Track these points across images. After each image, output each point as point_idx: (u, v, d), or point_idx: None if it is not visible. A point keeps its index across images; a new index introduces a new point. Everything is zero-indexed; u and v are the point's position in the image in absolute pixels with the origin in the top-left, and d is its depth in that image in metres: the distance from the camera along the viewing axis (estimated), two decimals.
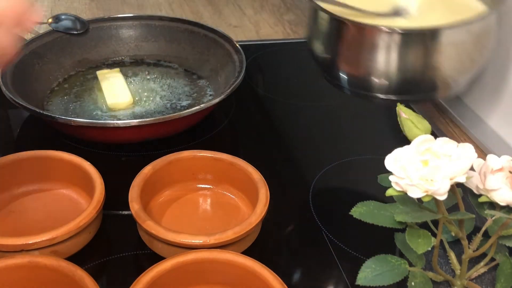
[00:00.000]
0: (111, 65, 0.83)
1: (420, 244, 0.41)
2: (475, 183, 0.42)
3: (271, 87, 0.86)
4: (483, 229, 0.44)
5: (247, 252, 0.54)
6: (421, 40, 0.62)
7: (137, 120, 0.63)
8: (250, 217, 0.54)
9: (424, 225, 0.45)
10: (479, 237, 0.44)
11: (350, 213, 0.44)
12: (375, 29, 0.62)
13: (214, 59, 0.81)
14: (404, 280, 0.43)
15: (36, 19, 0.49)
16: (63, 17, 0.82)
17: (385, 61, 0.63)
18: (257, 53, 0.93)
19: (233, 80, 0.71)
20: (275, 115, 0.79)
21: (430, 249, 0.41)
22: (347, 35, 0.65)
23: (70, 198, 0.60)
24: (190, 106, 0.75)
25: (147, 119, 0.64)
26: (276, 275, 0.48)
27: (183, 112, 0.65)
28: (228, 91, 0.69)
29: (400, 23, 0.67)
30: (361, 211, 0.44)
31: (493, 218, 0.43)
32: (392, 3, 0.71)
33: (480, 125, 0.77)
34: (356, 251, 0.58)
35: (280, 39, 0.99)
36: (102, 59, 0.84)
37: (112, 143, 0.69)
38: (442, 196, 0.39)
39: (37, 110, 0.65)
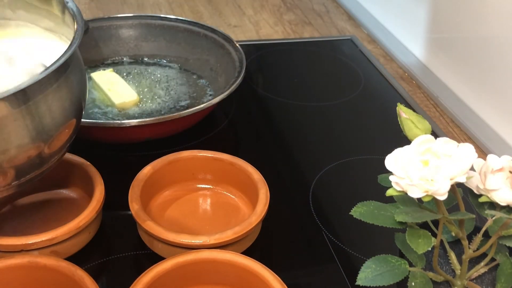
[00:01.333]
0: (110, 64, 0.83)
1: (420, 244, 0.41)
2: (475, 183, 0.42)
3: (271, 87, 0.86)
4: (483, 229, 0.44)
5: (247, 252, 0.54)
6: None
7: (137, 120, 0.63)
8: (250, 217, 0.54)
9: (424, 225, 0.45)
10: (479, 237, 0.44)
11: (350, 213, 0.44)
12: None
13: (214, 59, 0.81)
14: (404, 280, 0.43)
15: None
16: None
17: None
18: (257, 53, 0.93)
19: (233, 80, 0.71)
20: (275, 115, 0.79)
21: (430, 249, 0.41)
22: None
23: (70, 198, 0.60)
24: (190, 106, 0.75)
25: (147, 119, 0.64)
26: (276, 275, 0.48)
27: (183, 112, 0.65)
28: (228, 91, 0.69)
29: None
30: (361, 211, 0.44)
31: (494, 218, 0.43)
32: None
33: (480, 125, 0.77)
34: (356, 251, 0.58)
35: (280, 39, 0.99)
36: (102, 59, 0.84)
37: (112, 143, 0.69)
38: (442, 196, 0.39)
39: None
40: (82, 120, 0.64)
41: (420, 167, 0.39)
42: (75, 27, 0.51)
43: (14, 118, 0.44)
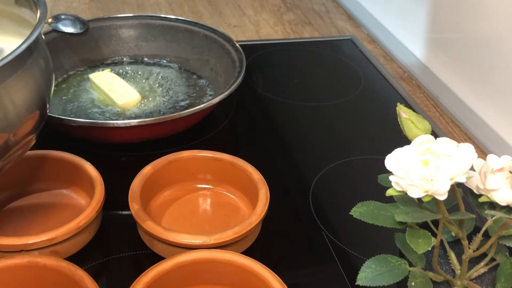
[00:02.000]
0: (110, 64, 0.83)
1: (420, 244, 0.41)
2: (475, 183, 0.42)
3: (271, 87, 0.86)
4: (483, 229, 0.44)
5: (247, 252, 0.54)
6: None
7: (137, 120, 0.63)
8: (250, 217, 0.54)
9: (424, 225, 0.45)
10: (479, 237, 0.44)
11: (350, 213, 0.44)
12: None
13: (214, 59, 0.81)
14: (404, 280, 0.43)
15: None
16: (63, 17, 0.82)
17: None
18: (257, 53, 0.93)
19: (233, 80, 0.71)
20: (275, 115, 0.79)
21: (430, 249, 0.41)
22: None
23: (70, 198, 0.60)
24: (190, 106, 0.75)
25: (147, 119, 0.64)
26: (276, 275, 0.48)
27: (183, 112, 0.65)
28: (228, 91, 0.69)
29: None
30: (361, 211, 0.44)
31: (493, 218, 0.43)
32: None
33: (480, 125, 0.77)
34: (356, 251, 0.58)
35: (280, 39, 0.99)
36: (102, 59, 0.84)
37: (112, 143, 0.69)
38: (442, 196, 0.39)
39: None
40: (82, 120, 0.64)
41: (420, 167, 0.39)
42: (38, 10, 0.47)
43: None
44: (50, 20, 0.81)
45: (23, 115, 0.46)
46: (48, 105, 0.51)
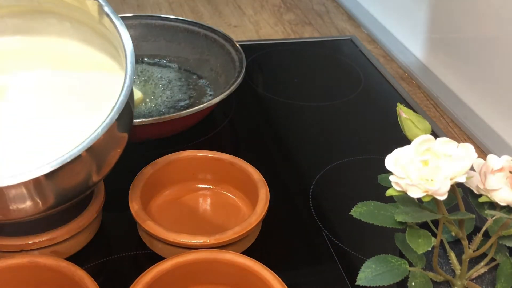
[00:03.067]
0: None
1: (420, 244, 0.41)
2: (475, 183, 0.42)
3: (271, 87, 0.86)
4: (483, 229, 0.44)
5: (247, 252, 0.54)
6: None
7: (137, 120, 0.63)
8: (250, 217, 0.54)
9: (424, 225, 0.45)
10: (479, 237, 0.44)
11: (350, 213, 0.44)
12: None
13: (214, 59, 0.81)
14: (404, 280, 0.43)
15: None
16: None
17: None
18: (257, 53, 0.93)
19: (233, 80, 0.71)
20: (275, 115, 0.79)
21: (430, 249, 0.41)
22: None
23: None
24: (190, 106, 0.75)
25: (147, 119, 0.64)
26: (276, 275, 0.48)
27: (183, 112, 0.65)
28: (228, 91, 0.68)
29: None
30: (361, 211, 0.44)
31: (494, 218, 0.43)
32: None
33: (480, 125, 0.77)
34: (356, 251, 0.58)
35: (280, 39, 0.99)
36: None
37: None
38: (442, 196, 0.39)
39: None
40: None
41: (420, 167, 0.39)
42: (126, 62, 0.51)
43: (76, 167, 0.46)
44: None
45: (115, 153, 0.51)
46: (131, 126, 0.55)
